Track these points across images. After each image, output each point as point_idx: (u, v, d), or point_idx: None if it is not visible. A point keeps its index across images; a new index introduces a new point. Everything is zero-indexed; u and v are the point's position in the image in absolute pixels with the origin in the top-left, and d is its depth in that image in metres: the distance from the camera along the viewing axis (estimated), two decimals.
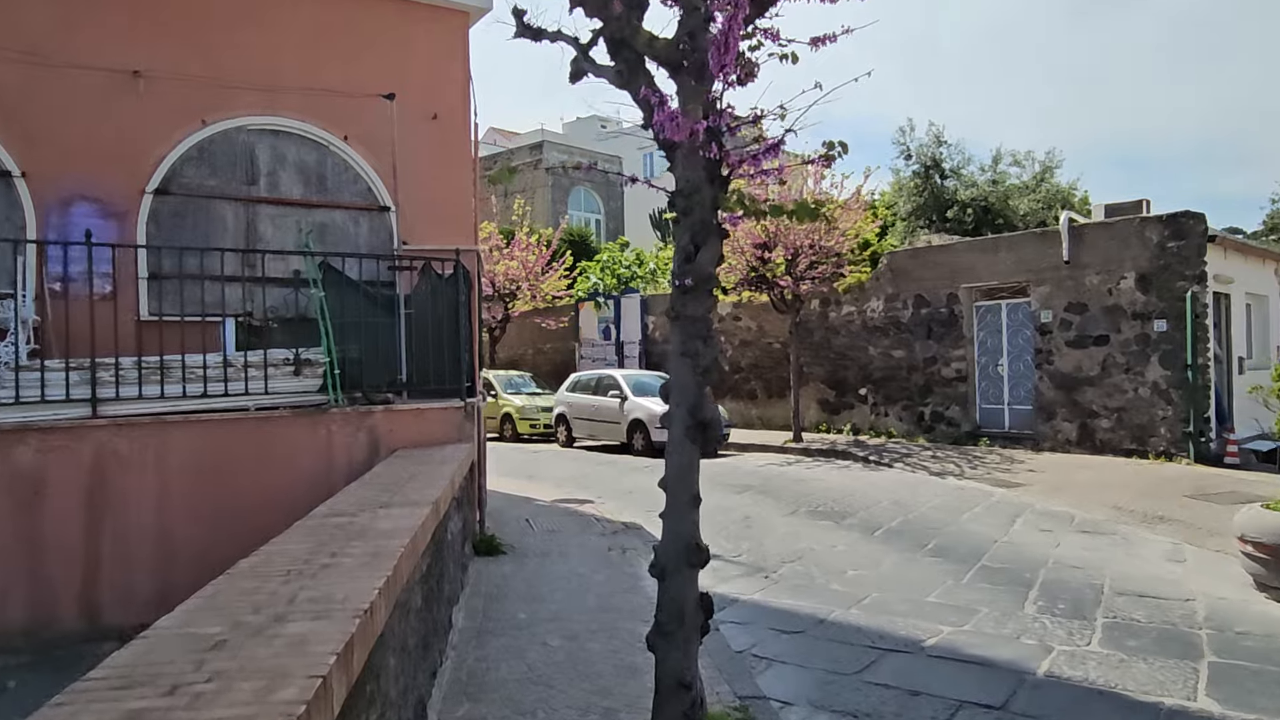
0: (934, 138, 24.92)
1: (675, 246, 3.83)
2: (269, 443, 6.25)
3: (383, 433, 6.66)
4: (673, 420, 3.81)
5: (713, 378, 3.81)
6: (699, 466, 3.85)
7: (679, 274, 3.80)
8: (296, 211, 8.50)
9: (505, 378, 21.25)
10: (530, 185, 39.35)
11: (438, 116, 8.85)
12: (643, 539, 8.49)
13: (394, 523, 3.63)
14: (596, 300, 23.60)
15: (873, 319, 17.26)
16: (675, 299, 3.80)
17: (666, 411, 3.88)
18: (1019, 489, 11.38)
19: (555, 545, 8.07)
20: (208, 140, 8.07)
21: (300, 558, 2.96)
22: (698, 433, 3.75)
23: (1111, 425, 13.59)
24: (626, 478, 13.46)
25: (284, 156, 8.49)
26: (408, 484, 4.79)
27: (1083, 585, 6.80)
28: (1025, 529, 8.97)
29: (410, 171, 8.61)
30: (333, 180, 8.66)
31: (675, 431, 3.80)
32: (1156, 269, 13.08)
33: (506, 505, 10.39)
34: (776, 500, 10.91)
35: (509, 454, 17.09)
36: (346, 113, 8.46)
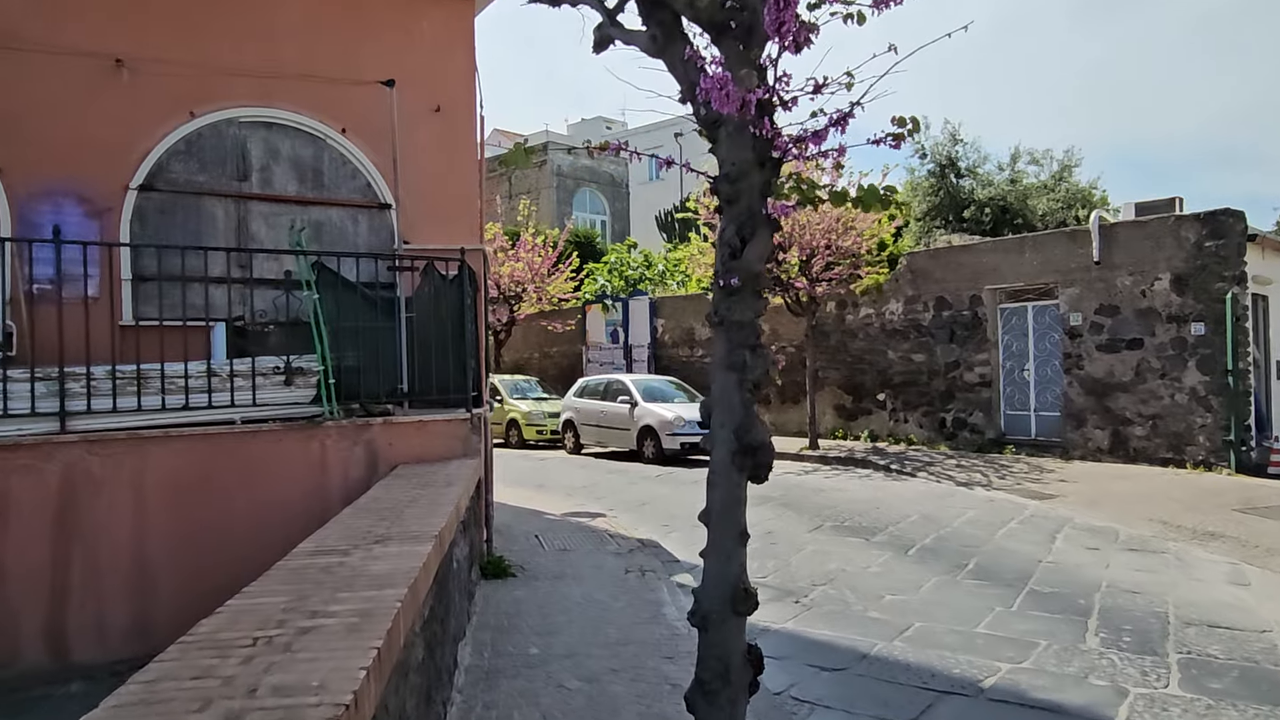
0: (949, 136, 24.34)
1: (718, 240, 3.28)
2: (257, 459, 5.72)
3: (381, 447, 6.12)
4: (715, 444, 3.26)
5: (761, 393, 3.26)
6: (746, 498, 3.30)
7: (723, 272, 3.25)
8: (291, 209, 7.98)
9: (511, 382, 20.73)
10: (535, 186, 38.89)
11: (441, 109, 8.32)
12: (660, 558, 7.93)
13: (391, 564, 3.08)
14: (604, 303, 23.07)
15: (892, 322, 16.69)
16: (718, 301, 3.25)
17: (706, 435, 3.33)
18: (1053, 501, 10.80)
19: (568, 566, 7.52)
20: (196, 133, 7.56)
21: (273, 618, 2.42)
22: (745, 459, 3.20)
23: (1146, 433, 13.00)
24: (638, 487, 12.91)
25: (278, 151, 7.98)
26: (408, 510, 4.25)
27: (1145, 613, 6.23)
28: (1069, 547, 8.40)
29: (412, 167, 8.09)
30: (330, 176, 8.15)
31: (719, 457, 3.25)
32: (1193, 269, 12.50)
33: (515, 519, 9.85)
34: (799, 513, 10.34)
35: (515, 461, 16.55)
36: (345, 104, 7.94)
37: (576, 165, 41.71)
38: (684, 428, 15.48)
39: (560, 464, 16.28)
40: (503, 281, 22.12)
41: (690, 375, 20.24)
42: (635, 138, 48.17)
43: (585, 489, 12.84)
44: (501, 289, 22.21)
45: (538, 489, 12.90)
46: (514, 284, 22.26)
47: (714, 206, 3.67)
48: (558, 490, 12.71)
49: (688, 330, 21.08)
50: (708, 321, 3.38)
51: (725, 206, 3.27)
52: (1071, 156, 24.07)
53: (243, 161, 7.78)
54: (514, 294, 22.40)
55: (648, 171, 47.27)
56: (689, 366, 20.83)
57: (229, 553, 5.44)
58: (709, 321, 3.35)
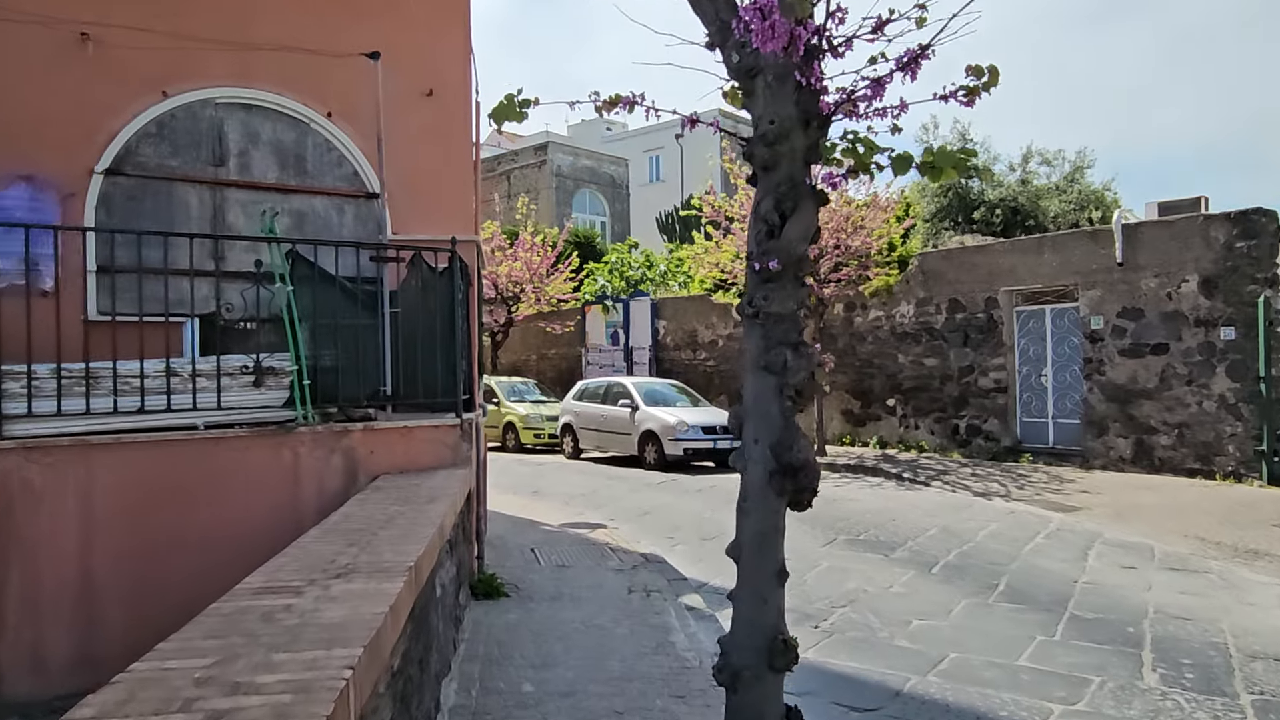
0: (959, 135, 23.75)
1: (752, 215, 2.70)
2: (222, 468, 5.13)
3: (361, 456, 5.54)
4: (748, 461, 2.69)
5: (804, 402, 2.69)
6: (784, 529, 2.73)
7: (758, 254, 2.68)
8: (271, 197, 7.43)
9: (508, 384, 20.15)
10: (534, 187, 38.37)
11: (434, 92, 7.77)
12: (665, 575, 7.35)
13: (349, 608, 2.50)
14: (604, 303, 22.49)
15: (902, 324, 16.12)
16: (752, 289, 2.68)
17: (736, 450, 2.75)
18: (1078, 514, 10.23)
19: (566, 585, 6.94)
20: (169, 114, 7.01)
21: (180, 694, 1.84)
22: (785, 481, 2.62)
23: (1172, 442, 12.42)
24: (640, 495, 12.33)
25: (257, 134, 7.42)
26: (382, 532, 3.67)
27: (1203, 645, 5.66)
28: (1103, 566, 7.82)
29: (402, 154, 7.53)
30: (314, 162, 7.59)
31: (753, 479, 2.67)
32: (1223, 271, 11.93)
33: (509, 530, 9.26)
34: (810, 525, 9.76)
35: (512, 466, 15.97)
36: (330, 86, 7.39)
37: (576, 166, 41.20)
38: (687, 433, 14.90)
39: (558, 469, 15.70)
40: (500, 281, 21.57)
41: (693, 379, 19.68)
42: (634, 139, 47.68)
43: (584, 497, 12.26)
44: (499, 289, 21.65)
45: (534, 496, 12.32)
46: (512, 284, 21.71)
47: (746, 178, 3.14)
48: (555, 498, 12.12)
49: (690, 332, 20.50)
50: (738, 314, 2.81)
51: (761, 174, 2.70)
52: (1084, 158, 23.53)
53: (219, 145, 7.23)
54: (512, 294, 21.84)
55: (648, 173, 46.77)
56: (692, 369, 20.26)
57: (188, 574, 4.86)
58: (739, 313, 2.77)
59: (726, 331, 19.56)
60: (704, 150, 40.77)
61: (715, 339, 19.89)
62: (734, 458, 2.69)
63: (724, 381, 19.60)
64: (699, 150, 42.05)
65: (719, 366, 19.77)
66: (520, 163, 40.49)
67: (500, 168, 40.53)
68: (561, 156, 40.94)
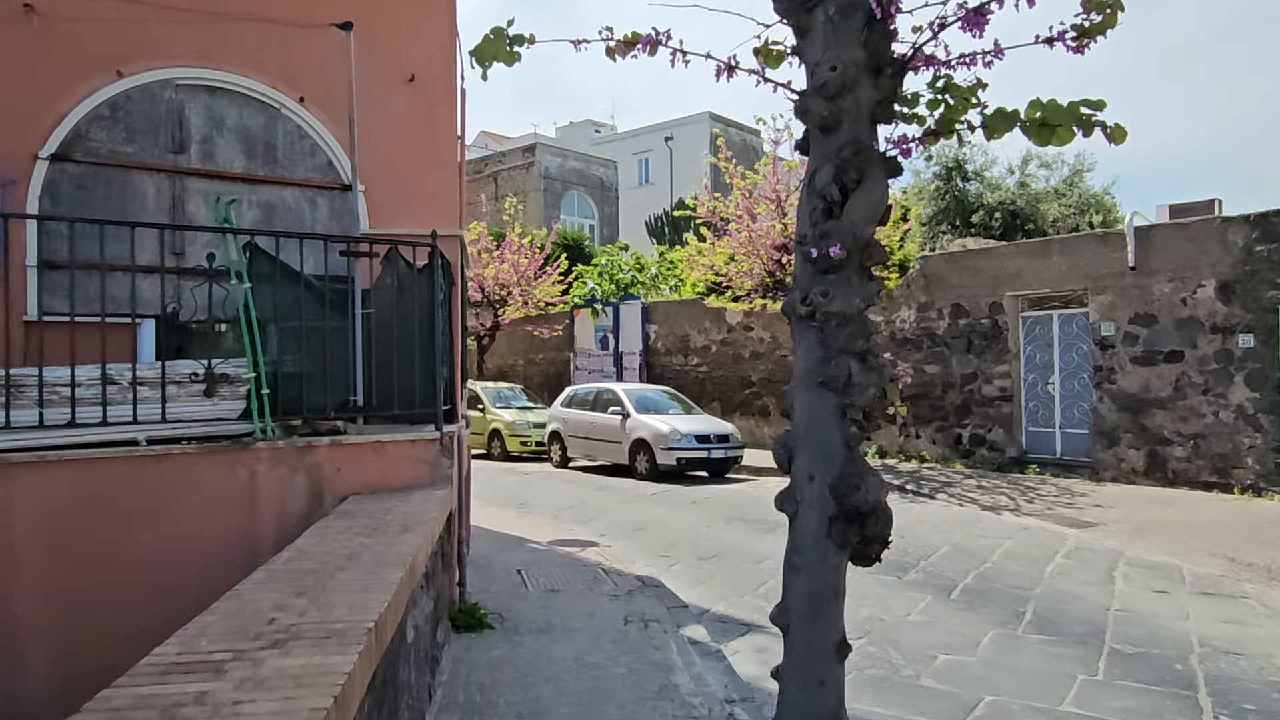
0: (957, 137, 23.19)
1: (804, 189, 2.12)
2: (166, 490, 4.51)
3: (328, 474, 4.92)
4: (799, 504, 2.10)
5: (872, 427, 2.11)
6: (844, 591, 2.14)
7: (813, 237, 2.09)
8: (237, 187, 6.84)
9: (494, 390, 19.51)
10: (522, 189, 37.79)
11: (415, 78, 7.18)
12: (664, 602, 6.75)
13: (282, 700, 1.90)
14: (593, 307, 21.88)
15: (903, 330, 15.59)
16: (805, 282, 2.10)
17: (784, 490, 2.16)
18: (1094, 530, 9.71)
19: (556, 613, 6.33)
20: (124, 96, 6.41)
21: None
22: (849, 529, 2.04)
23: (1187, 454, 11.93)
24: (632, 508, 11.73)
25: (222, 120, 6.82)
26: (341, 574, 3.06)
27: (1262, 685, 5.11)
28: (1132, 589, 7.28)
29: (381, 143, 6.94)
30: (285, 151, 7.00)
31: (806, 526, 2.09)
32: (1241, 276, 11.45)
33: (494, 548, 8.64)
34: None
35: (497, 476, 15.34)
36: (303, 69, 6.80)
37: (565, 168, 40.66)
38: (680, 441, 14.33)
39: (546, 479, 15.07)
40: (487, 284, 20.95)
41: (685, 385, 19.10)
42: (624, 141, 47.13)
43: (573, 509, 11.64)
44: (486, 292, 21.03)
45: (521, 509, 11.69)
46: (499, 286, 21.10)
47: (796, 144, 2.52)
48: (543, 511, 11.50)
49: (682, 337, 19.93)
50: (785, 313, 2.22)
51: (816, 137, 2.11)
52: (1083, 161, 23.10)
53: (180, 131, 6.63)
54: (499, 297, 21.23)
55: (637, 176, 46.19)
56: (683, 375, 19.68)
57: (124, 612, 4.25)
58: (787, 312, 2.19)
59: (720, 337, 19.01)
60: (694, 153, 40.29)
61: (708, 344, 19.33)
62: (781, 499, 2.10)
63: (716, 388, 19.04)
64: (688, 153, 41.60)
65: (712, 373, 19.20)
66: (508, 164, 39.91)
67: (487, 169, 39.91)
68: (549, 158, 40.39)
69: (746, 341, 18.51)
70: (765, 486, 13.74)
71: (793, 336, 2.16)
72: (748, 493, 13.08)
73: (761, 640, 6.03)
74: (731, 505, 11.73)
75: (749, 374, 18.45)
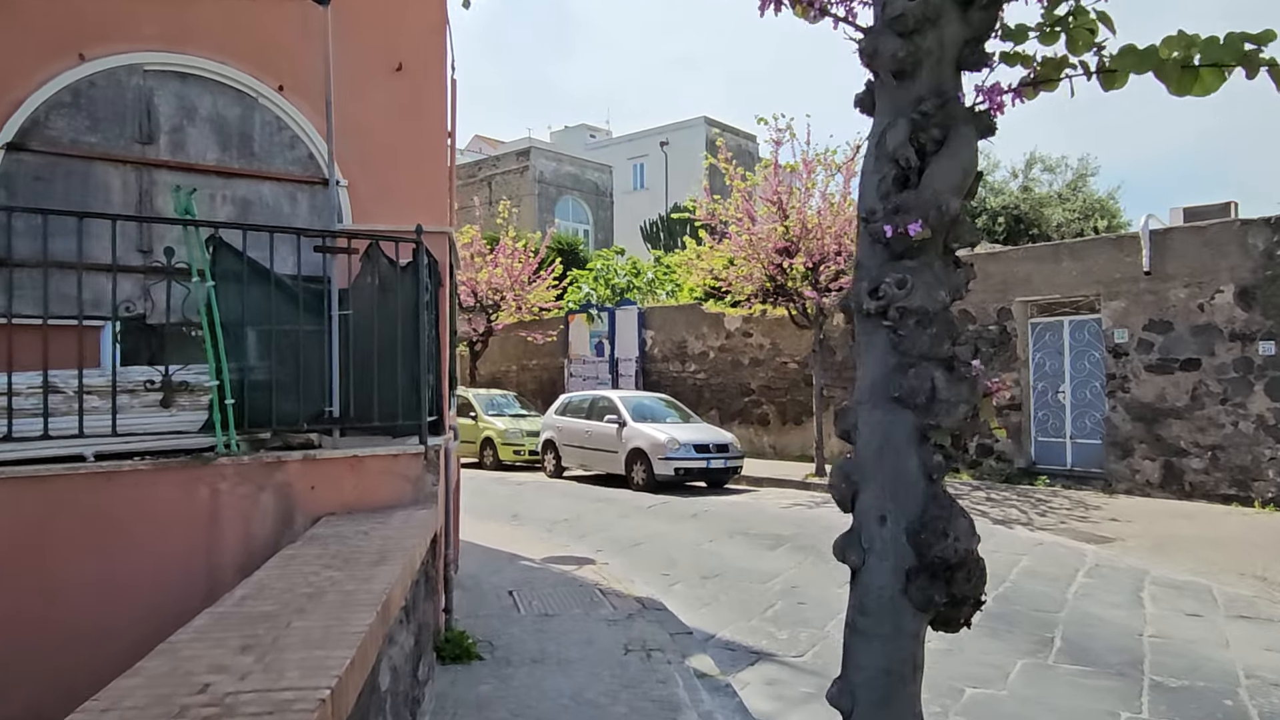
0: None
1: (871, 151, 1.67)
2: (115, 512, 4.03)
3: (299, 492, 4.45)
4: (867, 553, 1.65)
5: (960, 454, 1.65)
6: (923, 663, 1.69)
7: (884, 213, 1.64)
8: (211, 182, 6.39)
9: (487, 397, 19.03)
10: (516, 193, 37.36)
11: (403, 67, 6.74)
12: (667, 627, 6.28)
13: None
14: (589, 312, 21.43)
15: None
16: (874, 270, 1.65)
17: (846, 533, 1.71)
18: (1113, 545, 9.28)
19: (551, 641, 5.85)
20: (87, 81, 5.96)
21: None
22: (932, 587, 1.59)
23: (1204, 466, 11.51)
24: (629, 521, 11.26)
25: (194, 109, 6.36)
26: (300, 621, 2.60)
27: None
28: (1164, 612, 6.85)
29: (366, 135, 6.51)
30: (261, 143, 6.55)
31: (874, 582, 1.64)
32: (1262, 281, 11.05)
33: (484, 566, 8.17)
34: (822, 560, 8.73)
35: (489, 486, 14.86)
36: (281, 55, 6.37)
37: (559, 172, 40.29)
38: (678, 451, 13.87)
39: (539, 490, 14.59)
40: (480, 289, 20.50)
41: (682, 392, 18.65)
42: (619, 145, 46.76)
43: (568, 523, 11.17)
44: (479, 297, 20.59)
45: (513, 522, 11.22)
46: (492, 291, 20.66)
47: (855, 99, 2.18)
48: (536, 524, 11.03)
49: (679, 343, 19.48)
50: (844, 310, 1.78)
51: (888, 85, 1.69)
52: (1087, 165, 22.75)
53: (148, 120, 6.17)
54: (492, 302, 20.78)
55: (632, 180, 45.81)
56: (681, 383, 19.23)
57: (67, 651, 3.77)
58: (848, 309, 1.74)
59: (718, 343, 18.57)
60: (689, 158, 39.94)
61: (706, 350, 18.88)
62: (842, 546, 1.65)
63: (715, 395, 18.59)
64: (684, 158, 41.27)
65: (710, 379, 18.76)
66: (502, 168, 39.50)
67: (481, 173, 39.50)
68: (544, 162, 40.01)
69: (746, 348, 18.08)
70: (766, 498, 13.30)
71: (853, 339, 1.72)
72: (749, 505, 12.63)
73: (772, 671, 5.58)
74: (733, 518, 11.27)
75: (748, 381, 18.01)
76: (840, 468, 1.72)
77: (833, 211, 13.85)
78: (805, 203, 14.16)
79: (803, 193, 14.17)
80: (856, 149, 14.02)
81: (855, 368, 1.67)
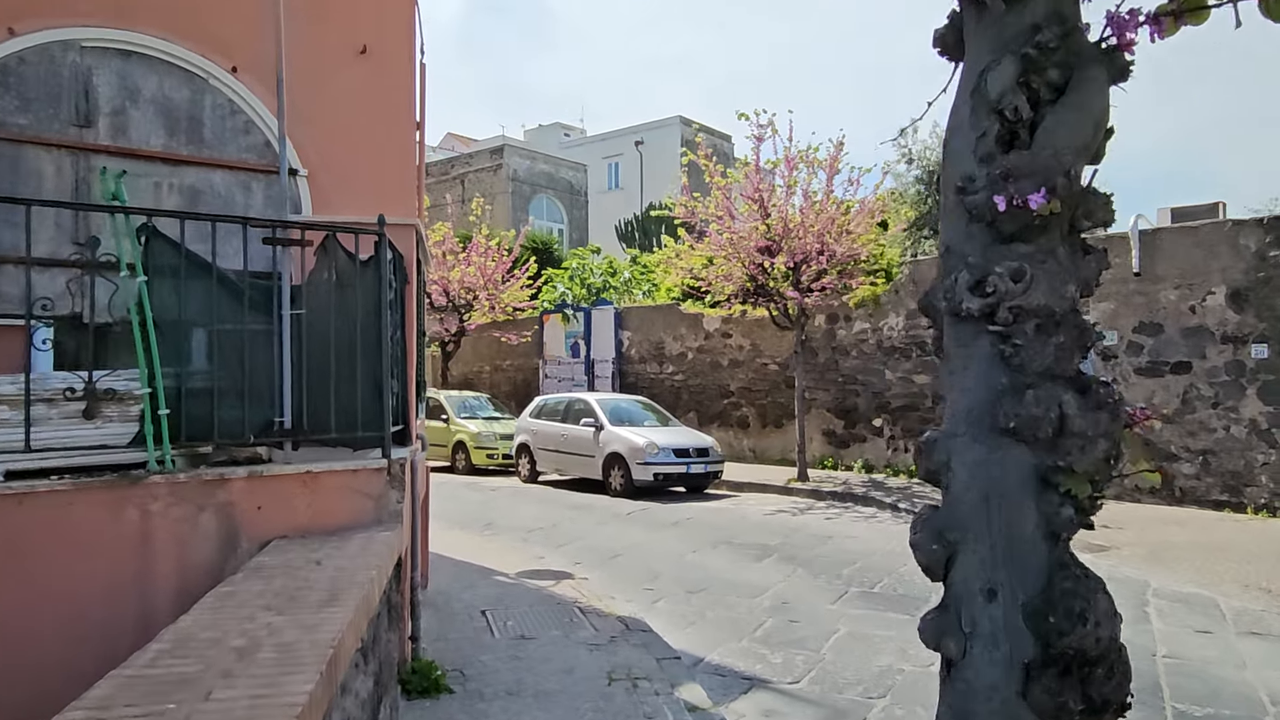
0: (939, 139, 22.60)
1: (963, 108, 1.22)
2: (27, 539, 3.52)
3: (245, 514, 3.96)
4: (968, 635, 1.21)
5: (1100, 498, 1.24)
6: None
7: (985, 181, 1.21)
8: (156, 169, 5.90)
9: (459, 399, 18.48)
10: (490, 191, 36.75)
11: (368, 50, 6.28)
12: (653, 651, 5.84)
13: None
14: (564, 312, 20.93)
15: (890, 338, 14.86)
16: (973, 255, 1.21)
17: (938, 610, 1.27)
18: (1108, 554, 8.97)
19: (528, 669, 5.39)
20: (16, 58, 5.48)
21: None
22: (1061, 689, 1.16)
23: (1195, 471, 11.26)
24: (608, 530, 10.81)
25: (138, 89, 5.86)
26: (222, 690, 2.13)
27: None
28: (1173, 630, 6.52)
29: (329, 122, 6.06)
30: (213, 128, 6.06)
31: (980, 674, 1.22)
32: (1254, 282, 10.82)
33: (455, 581, 7.68)
34: (811, 571, 8.34)
35: (462, 492, 14.33)
36: (235, 34, 5.88)
37: (533, 170, 39.73)
38: (658, 456, 13.43)
39: (513, 496, 14.09)
40: (452, 288, 19.94)
41: (660, 394, 18.22)
42: (594, 144, 46.24)
43: (544, 532, 10.70)
44: (451, 296, 20.02)
45: (486, 531, 10.73)
46: (464, 290, 20.09)
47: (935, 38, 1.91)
48: (511, 533, 10.54)
49: (657, 344, 19.04)
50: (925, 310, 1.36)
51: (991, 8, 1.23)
52: None
53: (85, 101, 5.67)
54: (464, 301, 20.22)
55: (607, 180, 45.32)
56: (658, 384, 18.80)
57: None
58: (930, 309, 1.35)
59: (697, 344, 18.16)
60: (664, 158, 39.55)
61: (684, 351, 18.46)
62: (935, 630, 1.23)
63: (693, 398, 18.18)
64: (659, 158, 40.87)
65: (688, 381, 18.34)
66: (475, 166, 38.86)
67: (454, 171, 38.83)
68: (518, 160, 39.41)
69: (725, 349, 17.68)
70: (748, 504, 12.90)
71: (941, 347, 1.30)
72: (731, 511, 12.21)
73: (768, 700, 5.16)
74: (715, 527, 10.86)
75: (727, 383, 17.61)
76: (929, 522, 1.30)
77: (815, 210, 13.47)
78: (787, 201, 13.78)
79: (784, 190, 13.79)
80: (839, 146, 13.65)
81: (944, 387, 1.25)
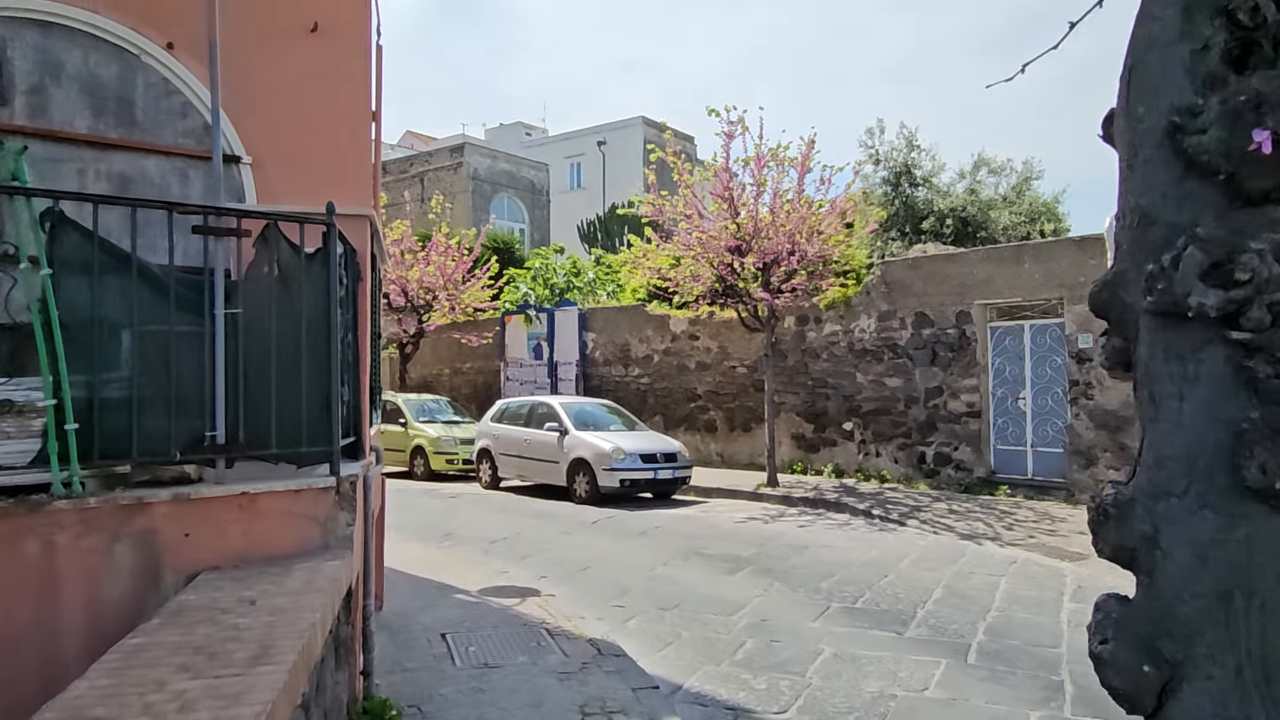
0: (906, 140, 22.50)
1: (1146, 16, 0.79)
2: None
3: (169, 543, 3.45)
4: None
5: None
6: None
7: (1216, 112, 0.78)
8: (80, 154, 5.34)
9: (417, 403, 17.88)
10: (450, 190, 36.03)
11: (319, 27, 5.76)
12: (627, 679, 5.40)
13: None
14: (526, 313, 20.42)
15: (862, 340, 14.59)
16: (1180, 224, 0.79)
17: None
18: (1089, 563, 8.72)
19: (491, 704, 4.92)
20: None
21: None
22: None
23: None
24: (574, 539, 10.36)
25: (60, 65, 5.30)
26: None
27: None
28: None
29: (276, 105, 5.54)
30: (146, 109, 5.50)
31: None
32: None
33: (413, 602, 7.17)
34: (789, 586, 7.97)
35: (420, 500, 13.78)
36: (171, 8, 5.35)
37: (494, 169, 39.10)
38: (624, 462, 13.02)
39: (474, 504, 13.57)
40: (411, 288, 19.31)
41: (625, 397, 17.80)
42: (556, 144, 45.72)
43: (507, 542, 10.21)
44: (409, 296, 19.39)
45: (446, 542, 10.21)
46: (424, 290, 19.48)
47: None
48: (472, 545, 10.04)
49: (622, 346, 18.62)
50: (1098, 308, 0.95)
51: None
52: (1031, 169, 22.60)
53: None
54: (423, 302, 19.61)
55: (569, 180, 44.83)
56: (623, 387, 18.37)
57: None
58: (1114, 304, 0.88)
59: (663, 346, 17.77)
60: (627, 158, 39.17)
61: (650, 354, 18.06)
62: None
63: (659, 401, 17.79)
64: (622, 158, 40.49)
65: (654, 384, 17.94)
66: (434, 164, 38.13)
67: (413, 169, 38.06)
68: (479, 159, 38.76)
69: (692, 351, 17.31)
70: (717, 510, 12.54)
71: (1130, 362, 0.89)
72: (700, 519, 11.83)
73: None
74: (685, 535, 10.46)
75: (694, 386, 17.25)
76: (1125, 625, 0.86)
77: (785, 209, 13.15)
78: (757, 200, 13.45)
79: (754, 189, 13.46)
80: (810, 144, 13.33)
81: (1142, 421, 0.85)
